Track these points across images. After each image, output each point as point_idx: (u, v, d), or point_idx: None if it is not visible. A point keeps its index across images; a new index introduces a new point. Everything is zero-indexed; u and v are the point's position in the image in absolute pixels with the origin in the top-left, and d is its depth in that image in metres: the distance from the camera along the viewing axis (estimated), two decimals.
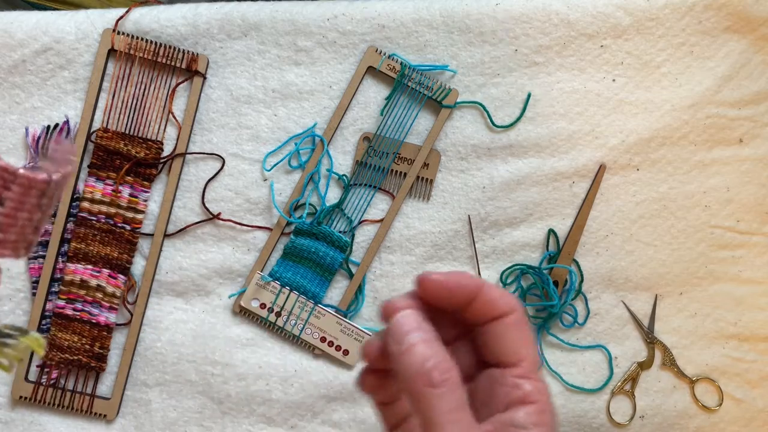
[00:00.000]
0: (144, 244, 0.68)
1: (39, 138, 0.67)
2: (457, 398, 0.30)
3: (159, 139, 0.68)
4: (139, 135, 0.68)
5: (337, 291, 0.69)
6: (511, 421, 0.31)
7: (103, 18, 0.67)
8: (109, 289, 0.67)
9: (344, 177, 0.69)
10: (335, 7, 0.68)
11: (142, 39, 0.66)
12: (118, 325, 0.68)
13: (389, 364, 0.32)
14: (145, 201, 0.68)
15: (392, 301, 0.33)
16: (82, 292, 0.67)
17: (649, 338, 0.70)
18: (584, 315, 0.70)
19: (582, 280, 0.70)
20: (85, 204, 0.67)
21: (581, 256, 0.70)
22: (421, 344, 0.31)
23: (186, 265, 0.68)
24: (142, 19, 0.67)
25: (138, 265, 0.68)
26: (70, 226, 0.67)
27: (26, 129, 0.67)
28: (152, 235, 0.68)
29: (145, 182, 0.68)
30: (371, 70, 0.68)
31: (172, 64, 0.67)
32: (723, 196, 0.70)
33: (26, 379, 0.67)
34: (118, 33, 0.66)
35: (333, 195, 0.69)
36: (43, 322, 0.67)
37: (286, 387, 0.68)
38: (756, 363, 0.71)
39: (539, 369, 0.34)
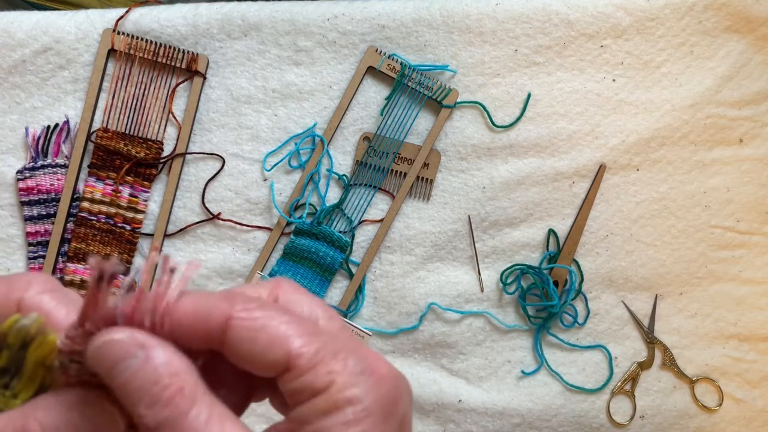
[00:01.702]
0: (144, 244, 0.68)
1: (39, 138, 0.67)
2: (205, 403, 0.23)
3: (159, 139, 0.68)
4: (139, 135, 0.68)
5: (337, 291, 0.69)
6: (301, 418, 0.24)
7: (103, 18, 0.67)
8: None
9: (344, 177, 0.69)
10: (335, 7, 0.68)
11: (142, 39, 0.66)
12: None
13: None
14: (145, 201, 0.68)
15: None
16: (83, 292, 0.67)
17: (649, 338, 0.70)
18: (584, 315, 0.70)
19: (582, 280, 0.70)
20: (85, 204, 0.67)
21: (581, 256, 0.70)
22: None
23: None
24: (142, 19, 0.67)
25: (138, 265, 0.68)
26: (70, 226, 0.67)
27: (26, 129, 0.67)
28: (152, 235, 0.68)
29: (145, 182, 0.68)
30: (371, 70, 0.68)
31: (172, 64, 0.67)
32: (723, 196, 0.70)
33: None
34: (118, 33, 0.66)
35: (333, 195, 0.69)
36: None
37: None
38: (756, 363, 0.71)
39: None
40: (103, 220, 0.67)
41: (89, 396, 0.23)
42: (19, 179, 0.67)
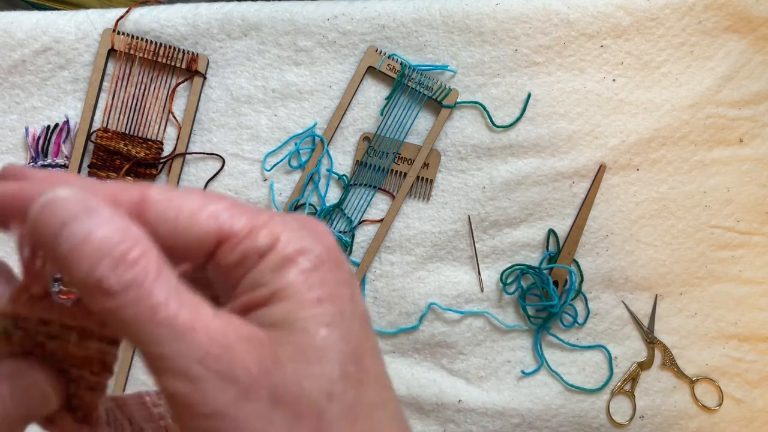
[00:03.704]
0: None
1: (39, 138, 0.67)
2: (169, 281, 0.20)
3: (159, 139, 0.68)
4: (139, 135, 0.68)
5: None
6: (256, 281, 0.22)
7: (103, 18, 0.67)
8: None
9: (344, 177, 0.69)
10: (335, 7, 0.68)
11: (142, 39, 0.66)
12: None
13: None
14: None
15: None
16: None
17: (649, 338, 0.70)
18: (584, 315, 0.70)
19: (582, 280, 0.70)
20: None
21: (581, 256, 0.70)
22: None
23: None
24: (142, 19, 0.67)
25: None
26: None
27: (26, 129, 0.67)
28: None
29: (146, 182, 0.68)
30: (371, 70, 0.68)
31: (172, 64, 0.67)
32: (723, 196, 0.70)
33: None
34: (118, 33, 0.66)
35: (333, 195, 0.69)
36: None
37: None
38: (756, 363, 0.71)
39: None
40: None
41: (22, 367, 0.23)
42: None
